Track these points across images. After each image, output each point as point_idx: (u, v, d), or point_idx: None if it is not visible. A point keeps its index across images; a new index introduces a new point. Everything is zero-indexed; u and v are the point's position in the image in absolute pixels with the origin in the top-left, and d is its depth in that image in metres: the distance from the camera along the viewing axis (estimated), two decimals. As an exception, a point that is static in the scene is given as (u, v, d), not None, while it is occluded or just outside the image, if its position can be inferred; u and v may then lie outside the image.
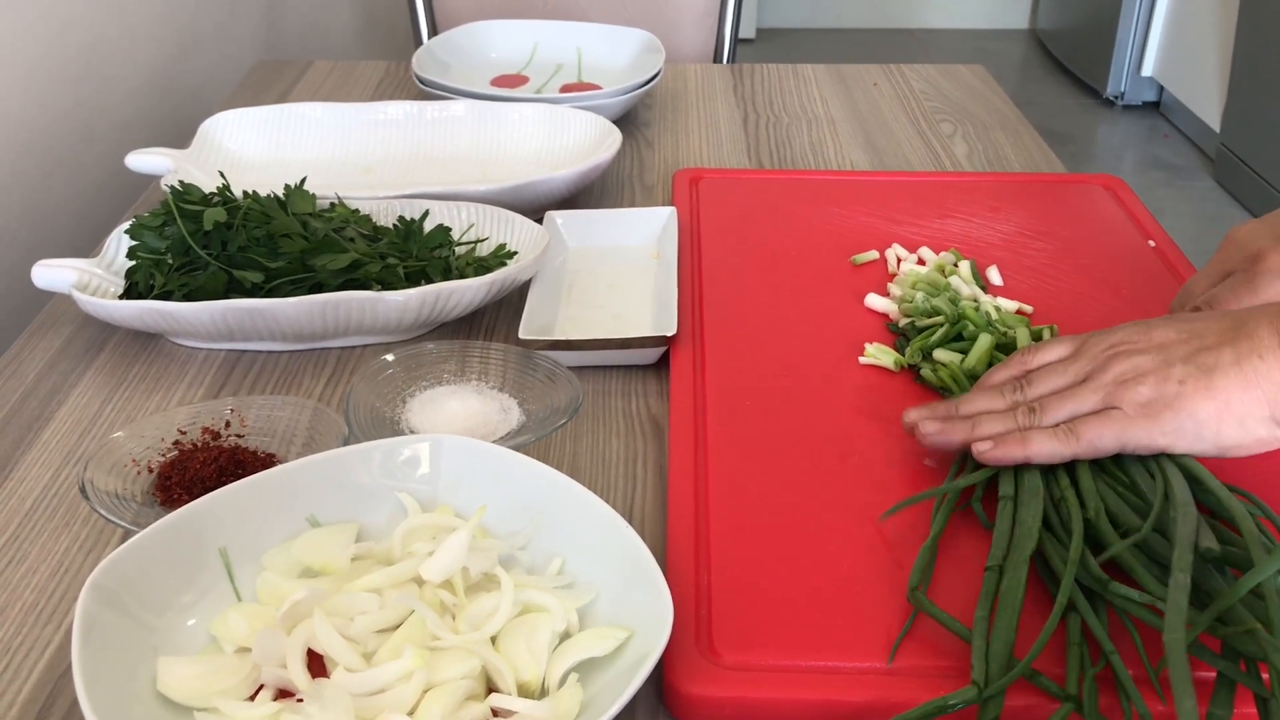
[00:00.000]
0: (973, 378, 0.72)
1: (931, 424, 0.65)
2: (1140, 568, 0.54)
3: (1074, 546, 0.55)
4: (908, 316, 0.79)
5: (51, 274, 0.80)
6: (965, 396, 0.66)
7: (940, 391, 0.73)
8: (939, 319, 0.77)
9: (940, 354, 0.74)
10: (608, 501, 0.57)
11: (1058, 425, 0.61)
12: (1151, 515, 0.56)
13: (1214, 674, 0.50)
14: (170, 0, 1.48)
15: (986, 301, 0.80)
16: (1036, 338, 0.77)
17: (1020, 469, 0.62)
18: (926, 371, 0.74)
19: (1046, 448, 0.60)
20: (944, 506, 0.62)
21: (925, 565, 0.58)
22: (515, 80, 1.27)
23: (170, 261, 0.80)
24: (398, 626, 0.53)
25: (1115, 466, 0.61)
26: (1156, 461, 0.59)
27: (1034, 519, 0.58)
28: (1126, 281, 0.86)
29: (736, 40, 1.62)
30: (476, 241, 0.88)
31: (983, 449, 0.61)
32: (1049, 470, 0.61)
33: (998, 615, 0.53)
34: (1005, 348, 0.75)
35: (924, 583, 0.58)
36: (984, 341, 0.74)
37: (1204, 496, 0.58)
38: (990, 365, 0.72)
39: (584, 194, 1.04)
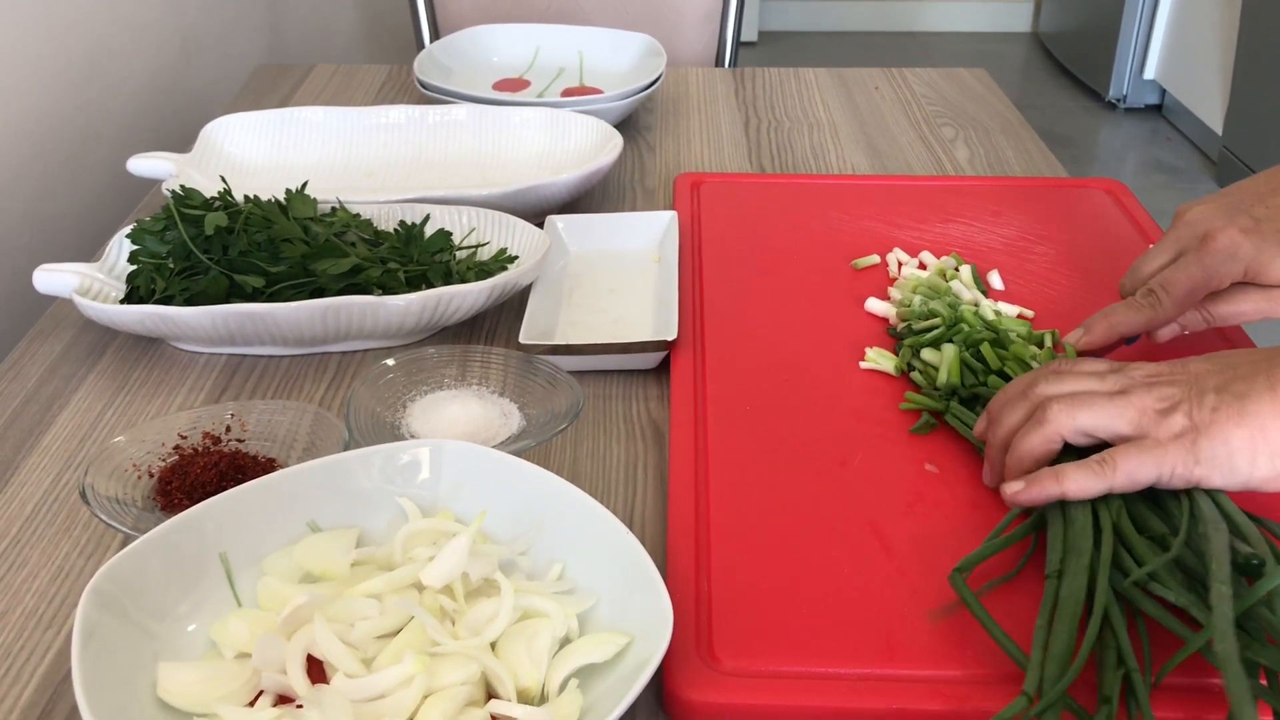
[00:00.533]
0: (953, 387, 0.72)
1: (980, 423, 0.66)
2: (1174, 583, 0.53)
3: (1105, 553, 0.55)
4: (904, 320, 0.79)
5: (53, 279, 0.81)
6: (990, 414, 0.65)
7: (930, 390, 0.73)
8: (935, 321, 0.77)
9: (926, 354, 0.74)
10: (608, 507, 0.57)
11: (1090, 457, 0.59)
12: (1182, 530, 0.55)
13: (1219, 682, 0.50)
14: (172, 5, 1.49)
15: (987, 306, 0.80)
16: (1038, 343, 0.77)
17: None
18: (916, 374, 0.74)
19: (1082, 483, 0.58)
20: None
21: (980, 558, 0.58)
22: (517, 84, 1.27)
23: (171, 266, 0.80)
24: (398, 632, 0.53)
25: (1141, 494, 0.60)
26: (1186, 492, 0.58)
27: (1085, 519, 0.57)
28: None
29: (738, 44, 1.62)
30: (477, 246, 0.88)
31: (1014, 490, 0.60)
32: None
33: (1057, 624, 0.52)
34: (1003, 351, 0.74)
35: (967, 572, 0.57)
36: (949, 351, 0.73)
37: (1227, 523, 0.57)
38: (961, 373, 0.72)
39: (585, 198, 1.04)
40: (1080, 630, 0.52)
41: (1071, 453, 0.61)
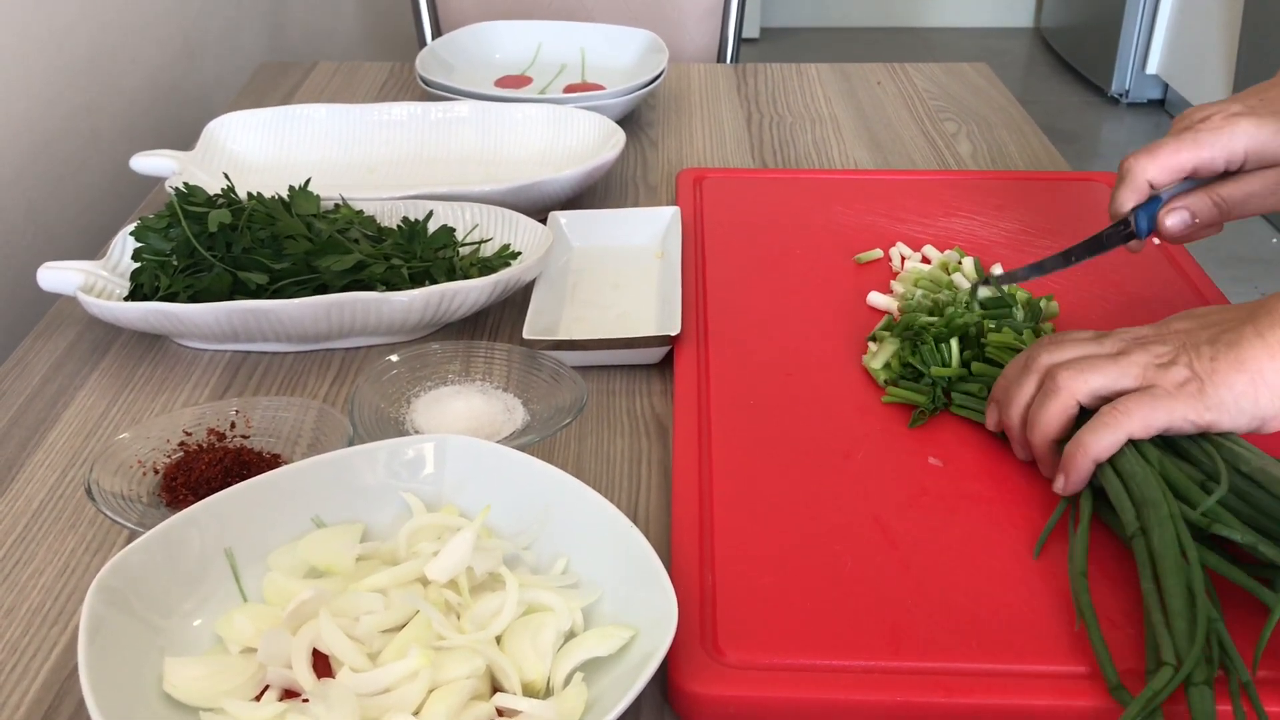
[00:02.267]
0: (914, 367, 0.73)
1: (991, 414, 0.67)
2: (1235, 522, 0.56)
3: (1172, 505, 0.56)
4: (905, 313, 0.79)
5: (57, 276, 0.81)
6: (999, 392, 0.67)
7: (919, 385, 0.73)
8: (932, 320, 0.76)
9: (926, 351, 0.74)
10: (612, 501, 0.57)
11: (1101, 410, 0.60)
12: (1223, 471, 0.57)
13: None
14: (175, 3, 1.49)
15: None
16: (1034, 313, 0.77)
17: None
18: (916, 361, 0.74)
19: (1102, 439, 0.59)
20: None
21: (1083, 550, 0.58)
22: (519, 81, 1.27)
23: (175, 263, 0.80)
24: (403, 626, 0.53)
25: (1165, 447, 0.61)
26: (1205, 438, 0.60)
27: (1146, 471, 0.58)
28: (1131, 279, 0.86)
29: (740, 40, 1.62)
30: (481, 242, 0.88)
31: (1059, 486, 0.62)
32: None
33: (1166, 581, 0.53)
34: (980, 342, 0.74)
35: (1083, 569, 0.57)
36: (890, 346, 0.75)
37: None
38: (906, 367, 0.74)
39: (588, 194, 1.04)
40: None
41: (1085, 418, 0.62)
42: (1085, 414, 0.63)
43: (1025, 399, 0.64)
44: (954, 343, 0.73)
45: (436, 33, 1.61)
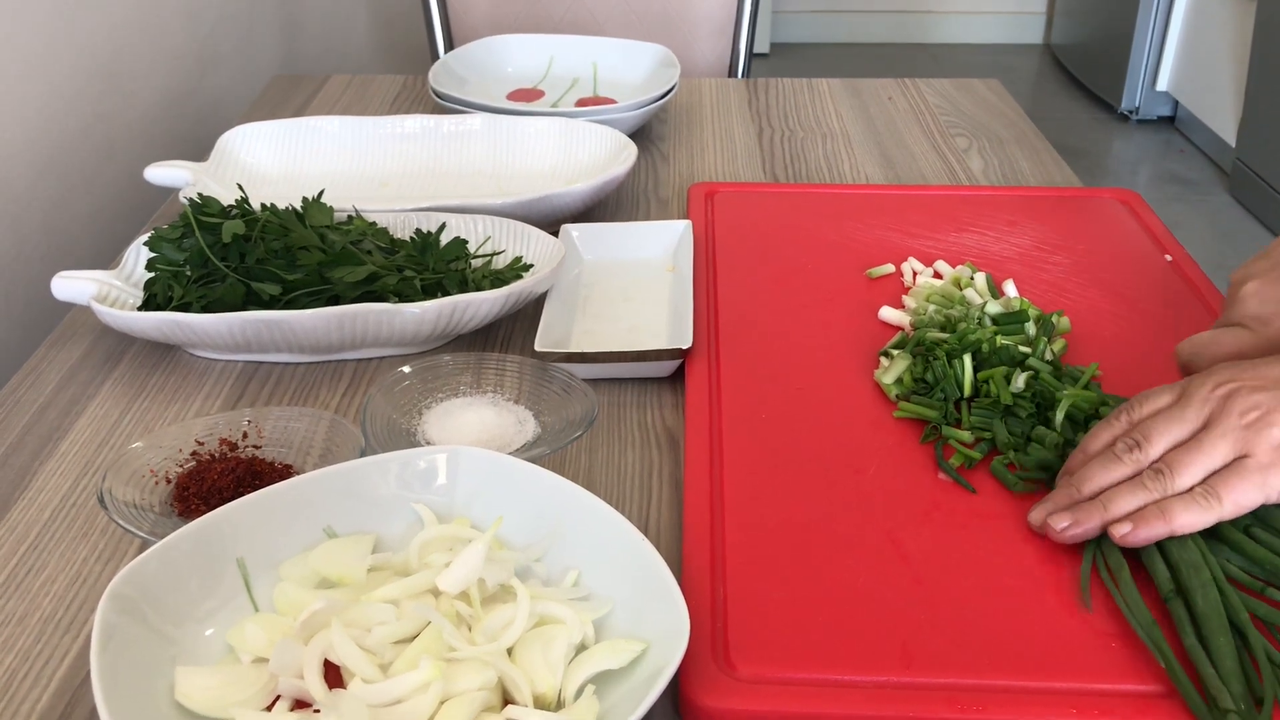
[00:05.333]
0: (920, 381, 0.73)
1: (1061, 518, 0.60)
2: None
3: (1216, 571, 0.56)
4: (917, 328, 0.79)
5: (71, 286, 0.81)
6: (1081, 473, 0.62)
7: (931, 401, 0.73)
8: (944, 335, 0.76)
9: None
10: (623, 514, 0.57)
11: (1194, 489, 0.58)
12: None
13: None
14: (189, 17, 1.50)
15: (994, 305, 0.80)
16: (1047, 331, 0.77)
17: None
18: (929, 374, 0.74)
19: (1190, 517, 0.57)
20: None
21: (1137, 600, 0.57)
22: (531, 94, 1.27)
23: (189, 273, 0.81)
24: (414, 637, 0.53)
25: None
26: None
27: (1192, 543, 0.58)
28: (1143, 296, 0.86)
29: (751, 55, 1.62)
30: (493, 254, 0.88)
31: (1122, 532, 0.58)
32: None
33: (1210, 638, 0.53)
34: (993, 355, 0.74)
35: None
36: (902, 361, 0.74)
37: None
38: (915, 381, 0.73)
39: (599, 207, 1.04)
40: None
41: None
42: None
43: (1111, 481, 0.60)
44: (966, 359, 0.73)
45: (449, 46, 1.62)
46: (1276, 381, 0.58)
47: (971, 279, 0.85)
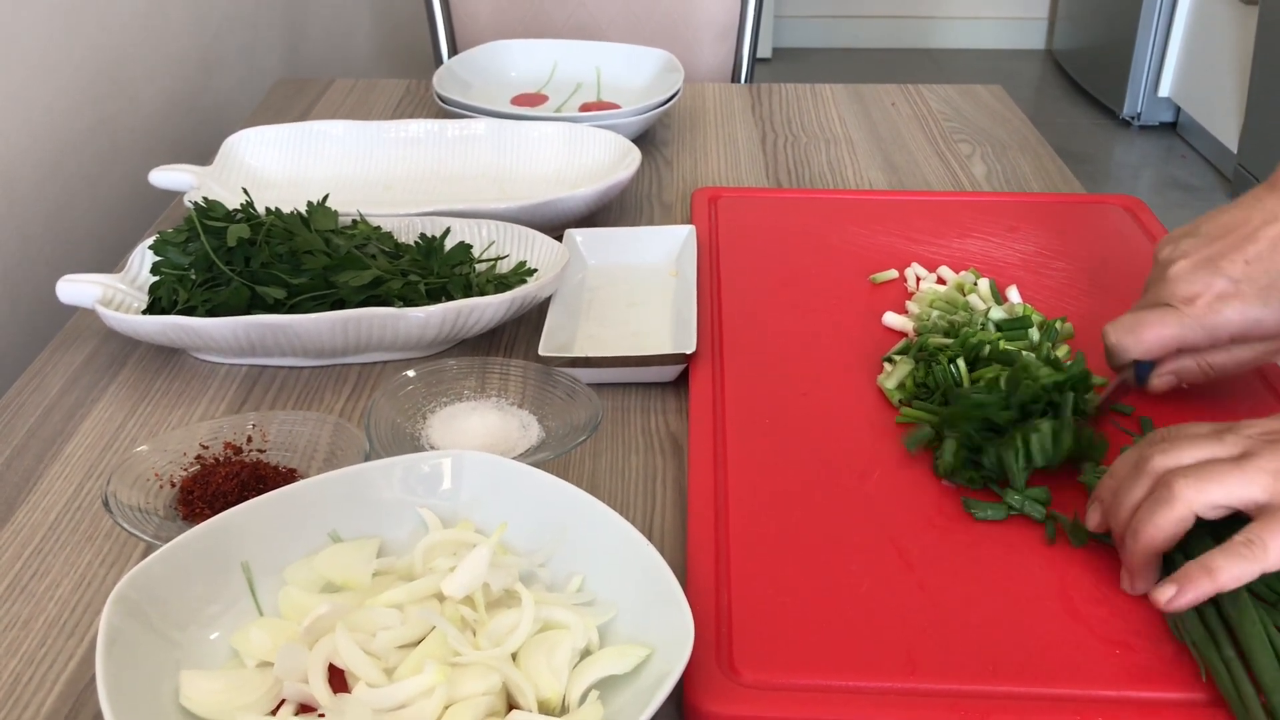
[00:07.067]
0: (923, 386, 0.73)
1: (1164, 589, 0.55)
2: None
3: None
4: (920, 334, 0.79)
5: (76, 289, 0.81)
6: (1106, 483, 0.60)
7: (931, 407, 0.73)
8: (947, 341, 0.76)
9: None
10: (627, 519, 0.57)
11: (1236, 540, 0.54)
12: None
13: None
14: (193, 21, 1.50)
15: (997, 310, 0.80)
16: (1049, 335, 0.77)
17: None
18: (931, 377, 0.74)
19: (1234, 571, 0.53)
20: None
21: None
22: (535, 99, 1.28)
23: (193, 277, 0.81)
24: (419, 642, 0.53)
25: None
26: None
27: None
28: (1146, 302, 0.86)
29: (754, 60, 1.62)
30: (497, 259, 0.89)
31: (1168, 596, 0.54)
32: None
33: (1255, 654, 0.52)
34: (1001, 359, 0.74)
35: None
36: (905, 366, 0.74)
37: None
38: (916, 385, 0.74)
39: (603, 212, 1.04)
40: None
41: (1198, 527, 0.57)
42: (1200, 524, 0.56)
43: (1134, 503, 0.57)
44: (961, 362, 0.73)
45: (453, 51, 1.62)
46: None
47: (975, 284, 0.85)
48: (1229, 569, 0.53)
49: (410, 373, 0.74)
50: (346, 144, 1.08)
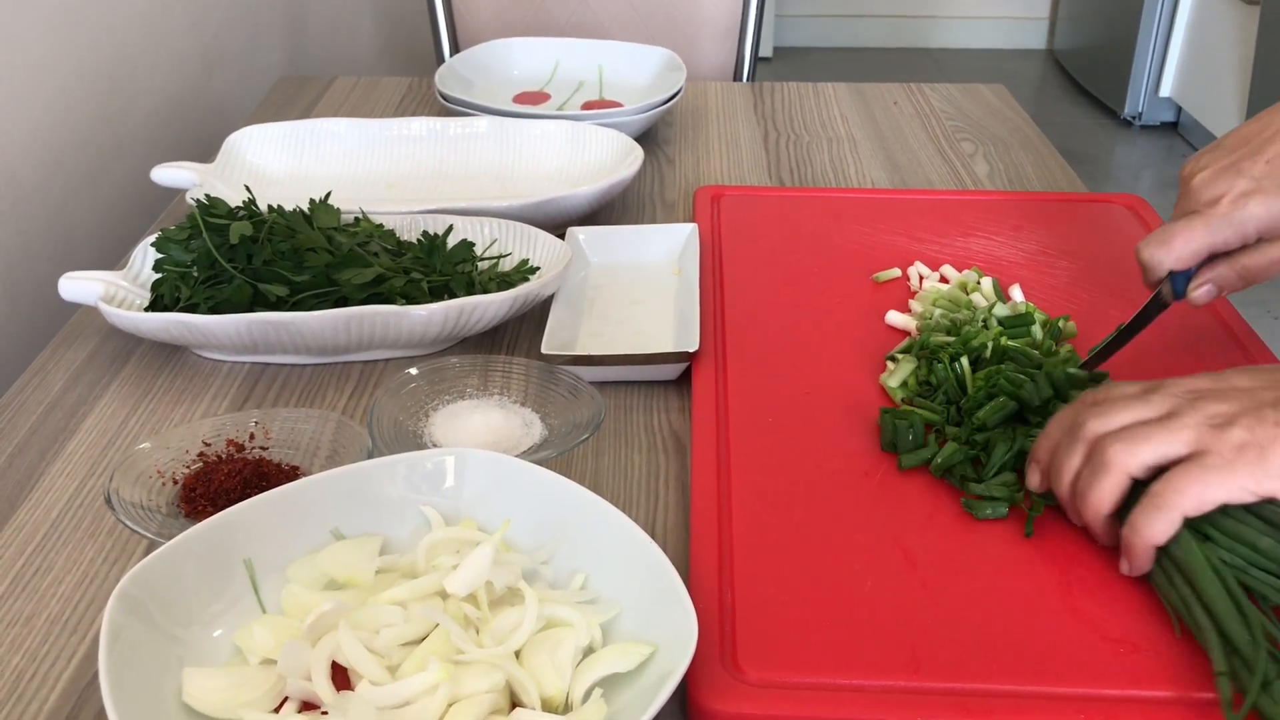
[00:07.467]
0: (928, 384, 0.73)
1: (1033, 475, 0.62)
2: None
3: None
4: (924, 333, 0.79)
5: (78, 286, 0.81)
6: (1040, 446, 0.63)
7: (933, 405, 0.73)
8: (949, 339, 0.76)
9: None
10: (630, 517, 0.57)
11: (1144, 497, 0.57)
12: None
13: None
14: (195, 18, 1.50)
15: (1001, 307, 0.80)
16: (1054, 335, 0.77)
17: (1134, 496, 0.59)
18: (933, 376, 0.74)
19: (1158, 524, 0.56)
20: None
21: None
22: (537, 97, 1.28)
23: (196, 274, 0.81)
24: (422, 640, 0.53)
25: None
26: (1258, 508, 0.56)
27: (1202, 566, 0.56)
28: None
29: (756, 58, 1.62)
30: (499, 257, 0.89)
31: (1125, 570, 0.58)
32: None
33: (1208, 599, 0.53)
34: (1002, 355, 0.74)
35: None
36: (907, 364, 0.75)
37: None
38: (919, 384, 0.74)
39: (605, 210, 1.04)
40: None
41: (1140, 487, 0.59)
42: (1139, 483, 0.58)
43: (1073, 470, 0.60)
44: (964, 360, 0.73)
45: (455, 49, 1.62)
46: (1247, 391, 0.58)
47: (978, 283, 0.85)
48: (1150, 524, 0.56)
49: (413, 370, 0.74)
50: (349, 142, 1.08)
